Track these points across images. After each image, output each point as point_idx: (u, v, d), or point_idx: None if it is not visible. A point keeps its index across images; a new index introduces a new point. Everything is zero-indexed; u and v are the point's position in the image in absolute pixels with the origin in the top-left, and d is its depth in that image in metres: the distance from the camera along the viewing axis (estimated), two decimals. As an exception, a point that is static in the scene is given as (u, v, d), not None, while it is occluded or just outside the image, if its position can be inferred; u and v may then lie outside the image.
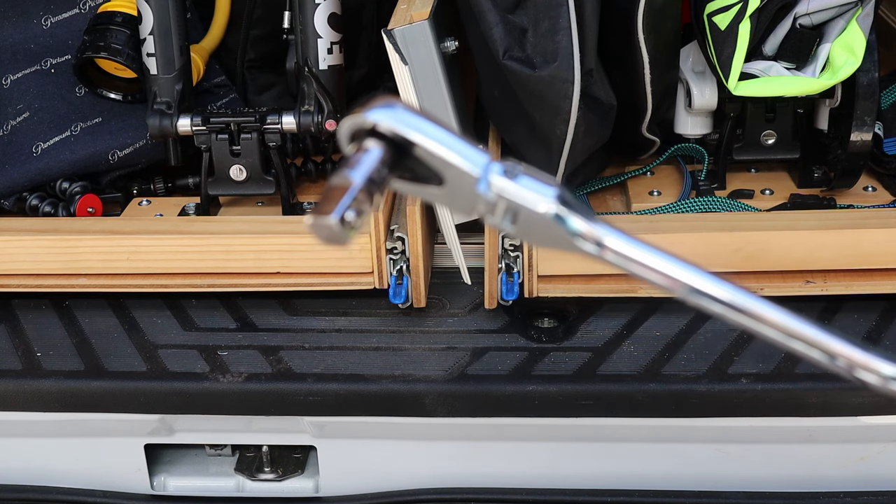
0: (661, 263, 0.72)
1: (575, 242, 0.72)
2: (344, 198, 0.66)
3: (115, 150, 1.66)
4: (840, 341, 0.71)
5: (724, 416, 1.31)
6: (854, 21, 1.43)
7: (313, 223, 0.66)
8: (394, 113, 0.71)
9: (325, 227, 0.65)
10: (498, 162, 0.71)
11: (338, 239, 0.66)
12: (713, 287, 0.72)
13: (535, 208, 0.71)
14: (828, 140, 1.58)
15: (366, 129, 0.71)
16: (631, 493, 1.40)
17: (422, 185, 0.72)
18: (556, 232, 0.71)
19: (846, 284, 1.38)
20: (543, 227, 0.71)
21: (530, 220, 0.71)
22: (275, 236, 1.42)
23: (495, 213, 0.71)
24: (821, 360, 0.72)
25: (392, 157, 0.70)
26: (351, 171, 0.68)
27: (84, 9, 1.71)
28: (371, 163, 0.69)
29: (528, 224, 0.71)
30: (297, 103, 1.59)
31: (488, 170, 0.71)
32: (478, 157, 0.71)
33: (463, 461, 1.41)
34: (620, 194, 1.69)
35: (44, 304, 1.46)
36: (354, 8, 1.74)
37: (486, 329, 1.39)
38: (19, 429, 1.40)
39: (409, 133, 0.70)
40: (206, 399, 1.32)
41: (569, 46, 1.36)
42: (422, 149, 0.70)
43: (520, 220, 0.71)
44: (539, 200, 0.71)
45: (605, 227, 0.72)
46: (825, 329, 0.71)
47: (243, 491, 1.46)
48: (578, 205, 0.72)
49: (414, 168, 0.72)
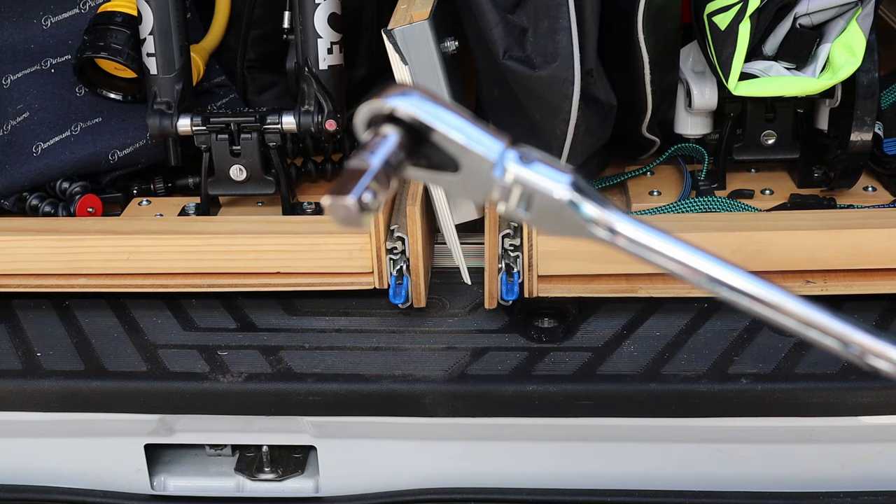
0: (673, 250, 0.73)
1: (588, 228, 0.73)
2: (362, 179, 0.67)
3: (115, 150, 1.66)
4: (853, 328, 0.71)
5: (724, 416, 1.31)
6: (854, 21, 1.43)
7: (331, 203, 0.66)
8: (412, 99, 0.72)
9: (343, 208, 0.66)
10: (513, 148, 0.72)
11: (354, 221, 0.66)
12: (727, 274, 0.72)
13: (550, 193, 0.71)
14: (828, 140, 1.58)
15: (384, 114, 0.72)
16: (631, 493, 1.40)
17: (437, 171, 0.73)
18: (571, 218, 0.72)
19: (846, 284, 1.38)
20: (557, 214, 0.72)
21: (544, 206, 0.72)
22: (275, 236, 1.42)
23: (510, 199, 0.72)
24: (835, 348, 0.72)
25: (409, 143, 0.71)
26: (369, 155, 0.69)
27: (84, 9, 1.71)
28: (389, 147, 0.70)
29: (541, 210, 0.72)
30: (297, 103, 1.59)
31: (504, 155, 0.72)
32: (494, 143, 0.72)
33: (463, 461, 1.41)
34: (620, 194, 1.69)
35: (44, 304, 1.46)
36: (354, 8, 1.74)
37: (486, 329, 1.39)
38: (19, 429, 1.40)
39: (427, 118, 0.71)
40: (206, 399, 1.32)
41: (569, 46, 1.36)
42: (439, 134, 0.71)
43: (534, 207, 0.72)
44: (554, 186, 0.71)
45: (618, 214, 0.72)
46: (838, 316, 0.72)
47: (243, 491, 1.46)
48: (592, 191, 0.72)
49: (430, 155, 0.72)
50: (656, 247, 0.73)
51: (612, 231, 0.73)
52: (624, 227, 0.73)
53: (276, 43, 1.69)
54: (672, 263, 0.73)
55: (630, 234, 0.73)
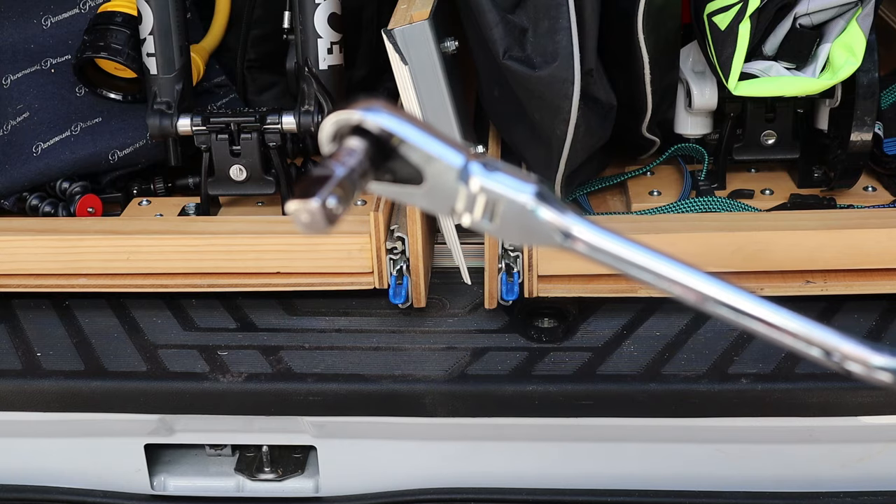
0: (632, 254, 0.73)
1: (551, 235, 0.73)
2: (327, 184, 0.68)
3: (115, 150, 1.66)
4: (826, 332, 0.72)
5: (724, 416, 1.31)
6: (854, 21, 1.43)
7: (296, 208, 0.66)
8: (378, 112, 0.73)
9: (307, 212, 0.66)
10: (476, 158, 0.73)
11: (318, 226, 0.67)
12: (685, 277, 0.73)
13: (515, 199, 0.72)
14: (828, 140, 1.58)
15: (350, 126, 0.73)
16: (631, 493, 1.40)
17: (401, 185, 0.74)
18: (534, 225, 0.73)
19: (846, 284, 1.38)
20: (521, 222, 0.73)
21: (508, 214, 0.73)
22: (275, 236, 1.42)
23: (474, 209, 0.73)
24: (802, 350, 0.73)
25: (375, 153, 0.72)
26: (334, 163, 0.70)
27: (84, 9, 1.71)
28: (355, 155, 0.71)
29: (505, 219, 0.73)
30: (297, 103, 1.59)
31: (469, 164, 0.73)
32: (458, 153, 0.73)
33: (463, 461, 1.41)
34: (620, 194, 1.69)
35: (44, 304, 1.46)
36: (354, 8, 1.74)
37: (486, 329, 1.39)
38: (19, 429, 1.40)
39: (393, 128, 0.72)
40: (206, 399, 1.32)
41: (569, 46, 1.36)
42: (405, 144, 0.72)
43: (497, 216, 0.73)
44: (518, 193, 0.73)
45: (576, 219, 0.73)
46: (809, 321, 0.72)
47: (243, 491, 1.46)
48: (554, 198, 0.73)
49: (394, 168, 0.74)
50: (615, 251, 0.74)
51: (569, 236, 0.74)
52: (581, 231, 0.74)
53: (276, 43, 1.69)
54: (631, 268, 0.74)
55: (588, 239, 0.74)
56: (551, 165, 1.47)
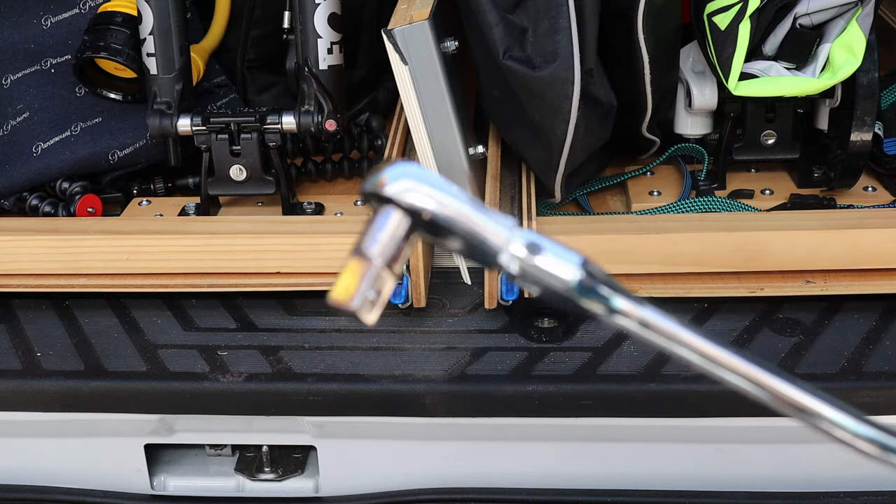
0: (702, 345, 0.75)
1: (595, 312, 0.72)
2: (363, 282, 0.67)
3: (115, 150, 1.66)
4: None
5: (724, 416, 1.31)
6: (854, 21, 1.43)
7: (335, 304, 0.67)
8: (409, 183, 0.70)
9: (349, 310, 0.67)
10: (522, 232, 0.71)
11: (363, 318, 0.67)
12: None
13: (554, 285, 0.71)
14: (828, 140, 1.58)
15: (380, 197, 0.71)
16: (631, 493, 1.40)
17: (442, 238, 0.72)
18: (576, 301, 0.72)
19: (846, 284, 1.38)
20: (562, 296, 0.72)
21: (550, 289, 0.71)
22: (275, 236, 1.42)
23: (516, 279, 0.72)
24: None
25: (411, 225, 0.70)
26: (369, 246, 0.68)
27: (84, 9, 1.71)
28: (389, 239, 0.69)
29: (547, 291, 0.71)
30: (297, 103, 1.59)
31: (511, 240, 0.70)
32: (500, 228, 0.70)
33: (463, 461, 1.41)
34: (620, 194, 1.69)
35: (44, 304, 1.45)
36: (354, 8, 1.74)
37: (486, 329, 1.39)
38: (19, 429, 1.40)
39: (427, 206, 0.70)
40: (206, 399, 1.32)
41: (569, 46, 1.36)
42: (442, 218, 0.70)
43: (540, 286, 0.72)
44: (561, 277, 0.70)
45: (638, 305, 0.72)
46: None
47: (243, 491, 1.46)
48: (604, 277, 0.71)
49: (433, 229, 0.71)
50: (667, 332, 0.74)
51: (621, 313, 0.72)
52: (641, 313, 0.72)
53: (276, 43, 1.69)
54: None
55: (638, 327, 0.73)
56: (551, 165, 1.47)
